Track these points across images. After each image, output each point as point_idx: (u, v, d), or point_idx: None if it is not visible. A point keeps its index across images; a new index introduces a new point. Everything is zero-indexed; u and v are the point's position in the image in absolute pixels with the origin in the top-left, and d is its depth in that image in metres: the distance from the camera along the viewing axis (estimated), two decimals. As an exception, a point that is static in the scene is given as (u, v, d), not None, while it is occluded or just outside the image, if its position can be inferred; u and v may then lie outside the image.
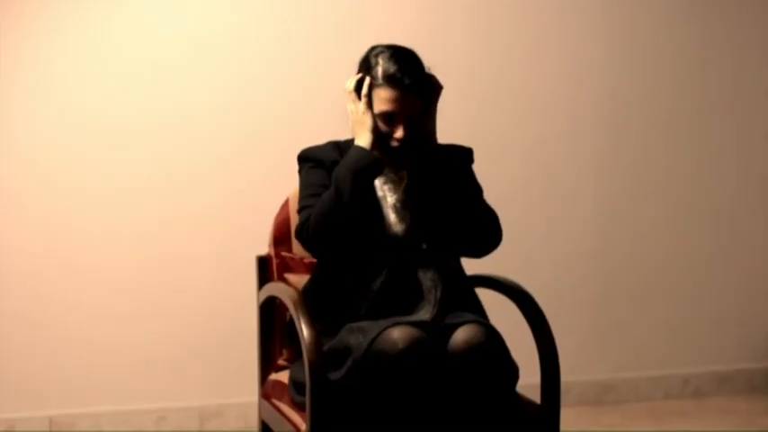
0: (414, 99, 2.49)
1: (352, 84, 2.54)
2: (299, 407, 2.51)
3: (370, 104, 2.51)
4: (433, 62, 2.58)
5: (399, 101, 2.47)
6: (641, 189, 4.26)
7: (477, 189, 2.61)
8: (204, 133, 3.77)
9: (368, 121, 2.51)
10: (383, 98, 2.48)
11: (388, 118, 2.50)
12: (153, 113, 3.72)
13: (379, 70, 2.49)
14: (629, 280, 4.28)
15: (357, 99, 2.53)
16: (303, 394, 2.41)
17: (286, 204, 2.90)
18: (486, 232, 2.57)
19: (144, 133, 3.72)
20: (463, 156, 2.65)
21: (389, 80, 2.47)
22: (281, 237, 2.86)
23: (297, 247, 2.86)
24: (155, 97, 3.72)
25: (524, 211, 4.04)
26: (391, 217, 2.57)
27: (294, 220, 2.85)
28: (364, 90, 2.51)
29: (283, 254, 2.85)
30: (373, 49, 2.55)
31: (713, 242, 4.38)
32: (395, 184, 2.60)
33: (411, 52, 2.54)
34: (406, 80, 2.47)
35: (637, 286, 4.29)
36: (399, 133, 2.49)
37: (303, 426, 2.42)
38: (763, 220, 4.44)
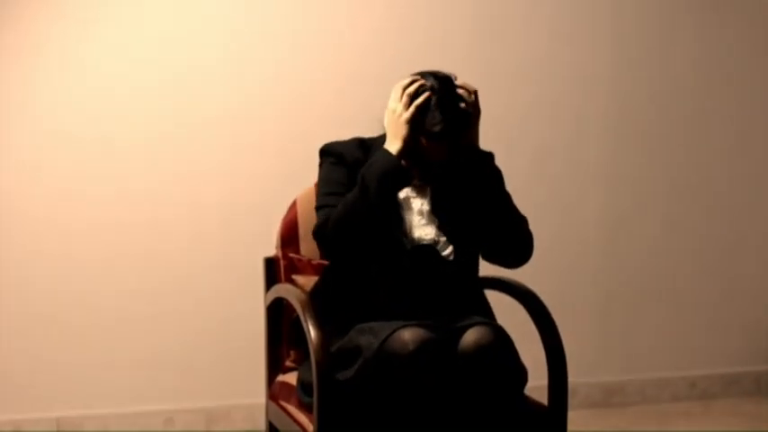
0: (457, 147, 2.49)
1: (406, 84, 2.48)
2: (306, 408, 2.51)
3: (414, 117, 2.44)
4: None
5: (444, 151, 2.48)
6: (647, 194, 4.26)
7: (506, 193, 2.60)
8: (211, 134, 3.77)
9: (403, 130, 2.45)
10: (429, 144, 2.46)
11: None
12: (159, 115, 3.73)
13: (430, 118, 2.44)
14: (636, 282, 4.27)
15: (404, 102, 2.46)
16: (311, 395, 2.41)
17: (294, 205, 2.90)
18: (519, 240, 2.57)
19: (150, 134, 3.72)
20: (487, 157, 2.62)
21: (436, 136, 2.44)
22: (288, 238, 2.87)
23: (304, 249, 2.86)
24: (160, 99, 3.72)
25: (532, 215, 3.99)
26: (416, 220, 2.56)
27: (302, 221, 2.85)
28: (418, 100, 2.44)
29: (291, 255, 2.85)
30: (422, 79, 2.49)
31: (719, 244, 4.37)
32: (420, 190, 2.59)
33: (457, 96, 2.47)
34: (452, 135, 2.45)
35: (643, 288, 4.28)
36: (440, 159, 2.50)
37: (311, 427, 2.42)
38: (770, 223, 4.45)
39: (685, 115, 4.29)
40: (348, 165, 2.56)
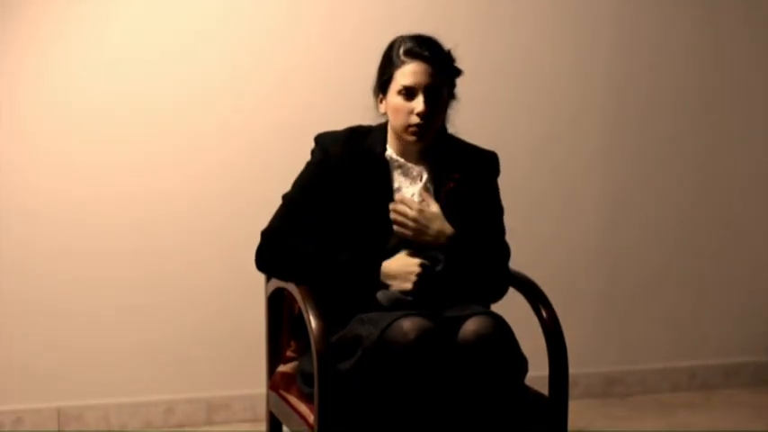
0: (435, 73, 2.49)
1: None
2: (307, 398, 2.51)
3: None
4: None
5: (420, 73, 2.48)
6: (647, 182, 4.26)
7: (497, 212, 2.62)
8: (214, 126, 3.77)
9: (409, 283, 2.47)
10: (405, 72, 2.49)
11: (409, 93, 2.49)
12: (162, 105, 3.72)
13: (401, 49, 2.51)
14: (636, 272, 4.27)
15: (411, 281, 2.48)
16: (311, 385, 2.41)
17: (295, 196, 2.89)
18: (491, 284, 2.58)
19: (152, 126, 3.72)
20: (488, 165, 2.64)
21: (409, 54, 2.49)
22: (289, 228, 2.86)
23: (305, 239, 2.85)
24: (164, 89, 3.71)
25: (531, 204, 4.04)
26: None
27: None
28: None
29: (291, 245, 2.85)
30: (395, 39, 2.58)
31: (720, 234, 4.37)
32: (413, 179, 2.59)
33: (431, 37, 2.56)
34: (425, 52, 2.49)
35: (644, 278, 4.28)
36: (420, 107, 2.48)
37: (311, 417, 2.42)
38: (770, 213, 4.45)
39: (684, 102, 4.28)
40: (328, 164, 2.59)
